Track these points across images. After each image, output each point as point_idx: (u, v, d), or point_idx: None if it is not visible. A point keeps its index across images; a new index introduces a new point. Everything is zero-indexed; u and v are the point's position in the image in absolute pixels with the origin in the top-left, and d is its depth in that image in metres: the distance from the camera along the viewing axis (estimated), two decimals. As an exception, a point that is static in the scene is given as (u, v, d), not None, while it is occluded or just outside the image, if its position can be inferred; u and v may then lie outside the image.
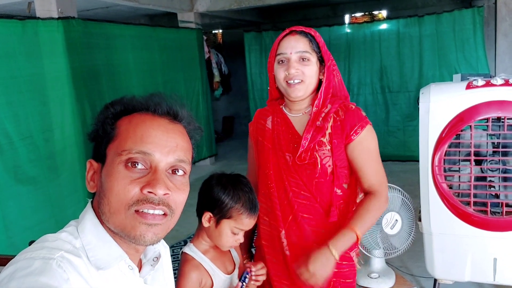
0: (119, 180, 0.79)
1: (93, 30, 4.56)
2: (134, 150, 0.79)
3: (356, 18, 8.88)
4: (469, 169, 2.21)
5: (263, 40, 6.92)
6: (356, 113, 1.50)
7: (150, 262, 0.94)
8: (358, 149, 1.48)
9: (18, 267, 0.73)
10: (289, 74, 1.46)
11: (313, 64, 1.48)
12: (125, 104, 0.86)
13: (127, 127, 0.83)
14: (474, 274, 2.28)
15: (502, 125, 2.16)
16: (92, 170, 0.86)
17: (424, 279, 2.95)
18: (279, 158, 1.54)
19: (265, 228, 1.60)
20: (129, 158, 0.79)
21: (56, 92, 3.98)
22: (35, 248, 0.78)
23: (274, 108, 1.62)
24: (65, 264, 0.75)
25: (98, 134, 0.86)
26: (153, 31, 5.80)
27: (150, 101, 0.85)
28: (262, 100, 6.96)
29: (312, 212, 1.50)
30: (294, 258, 1.51)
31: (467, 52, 5.85)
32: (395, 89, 6.41)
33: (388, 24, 6.45)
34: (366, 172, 1.50)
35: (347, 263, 1.55)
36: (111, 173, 0.80)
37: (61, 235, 0.82)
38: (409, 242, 2.46)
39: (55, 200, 3.95)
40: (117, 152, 0.80)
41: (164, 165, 0.82)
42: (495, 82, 2.15)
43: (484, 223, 2.17)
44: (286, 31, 1.51)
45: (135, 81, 5.30)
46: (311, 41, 1.48)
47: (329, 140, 1.48)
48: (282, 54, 1.48)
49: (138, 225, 0.80)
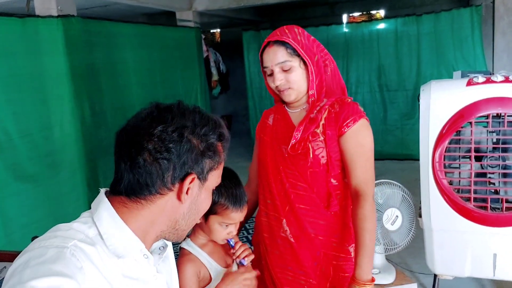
0: (209, 202, 0.97)
1: (93, 28, 4.55)
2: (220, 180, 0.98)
3: (354, 17, 8.90)
4: (470, 165, 2.22)
5: (262, 39, 6.91)
6: (351, 106, 1.51)
7: (157, 252, 0.96)
8: (349, 142, 1.48)
9: (32, 255, 0.74)
10: (276, 86, 1.52)
11: (297, 69, 1.50)
12: (219, 131, 0.93)
13: (224, 160, 0.96)
14: (474, 270, 2.29)
15: (502, 122, 2.18)
16: (191, 183, 0.89)
17: (423, 276, 2.97)
18: (275, 151, 1.58)
19: (266, 220, 1.62)
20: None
21: (55, 90, 3.97)
22: (48, 237, 0.79)
23: (278, 107, 1.69)
24: (78, 253, 0.76)
25: (210, 155, 0.90)
26: (152, 30, 5.80)
27: (229, 138, 0.97)
28: (260, 99, 6.97)
29: (309, 202, 1.52)
30: (300, 245, 1.53)
31: (465, 50, 5.87)
32: (393, 88, 6.44)
33: (386, 23, 6.47)
34: (354, 168, 1.48)
35: (344, 256, 1.56)
36: (209, 196, 0.95)
37: (73, 225, 0.83)
38: (410, 238, 2.47)
39: (54, 198, 3.95)
40: (217, 181, 0.95)
41: None
42: (495, 79, 2.16)
43: (484, 219, 2.18)
44: (264, 43, 1.54)
45: (134, 79, 5.29)
46: (287, 47, 1.49)
47: (322, 131, 1.50)
48: (266, 67, 1.53)
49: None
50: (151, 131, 0.83)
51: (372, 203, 1.47)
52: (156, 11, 7.74)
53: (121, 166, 0.85)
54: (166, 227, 0.90)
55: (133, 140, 0.84)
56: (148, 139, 0.83)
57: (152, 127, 0.83)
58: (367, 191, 1.47)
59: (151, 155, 0.83)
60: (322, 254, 1.54)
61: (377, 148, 6.36)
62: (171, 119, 0.85)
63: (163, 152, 0.83)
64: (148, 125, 0.84)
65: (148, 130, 0.83)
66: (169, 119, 0.85)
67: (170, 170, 0.84)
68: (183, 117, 0.86)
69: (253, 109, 7.06)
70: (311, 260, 1.54)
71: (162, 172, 0.83)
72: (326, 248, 1.54)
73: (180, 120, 0.85)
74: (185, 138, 0.84)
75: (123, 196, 0.86)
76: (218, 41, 10.05)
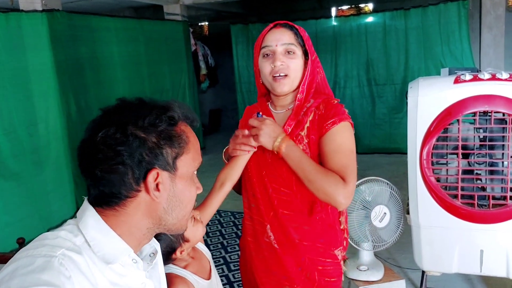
0: (192, 189, 0.91)
1: (78, 23, 4.48)
2: (200, 160, 0.93)
3: (342, 11, 8.88)
4: (457, 162, 2.23)
5: (250, 33, 6.89)
6: (335, 107, 1.46)
7: (147, 259, 0.95)
8: (328, 141, 1.41)
9: (20, 264, 0.73)
10: (274, 67, 1.44)
11: (299, 58, 1.47)
12: (182, 113, 0.90)
13: (192, 140, 0.89)
14: (461, 266, 2.31)
15: (489, 119, 2.19)
16: (157, 179, 0.83)
17: (411, 271, 2.99)
18: (258, 155, 1.51)
19: (250, 224, 1.58)
20: (196, 167, 0.92)
21: (40, 86, 3.91)
22: (35, 246, 0.78)
23: (262, 105, 1.62)
24: (67, 261, 0.75)
25: (169, 143, 0.84)
26: (138, 24, 5.73)
27: (192, 114, 0.93)
28: (249, 93, 6.94)
29: (292, 208, 1.47)
30: (284, 251, 1.49)
31: (452, 45, 5.90)
32: (381, 82, 6.45)
33: (374, 17, 6.47)
34: (328, 162, 1.39)
35: (331, 260, 1.52)
36: (190, 183, 0.90)
37: (61, 233, 0.82)
38: (398, 234, 2.48)
39: (39, 196, 3.91)
40: (193, 164, 0.90)
41: None
42: (482, 76, 2.17)
43: (471, 216, 2.20)
44: (270, 25, 1.50)
45: (120, 74, 5.24)
46: (296, 34, 1.47)
47: (306, 134, 1.45)
48: (268, 46, 1.46)
49: (189, 219, 0.98)
50: (96, 139, 0.80)
51: (347, 190, 1.34)
52: (142, 5, 7.64)
53: (87, 181, 0.85)
54: (151, 225, 0.87)
55: (86, 154, 0.82)
56: (96, 149, 0.80)
57: (96, 135, 0.80)
58: (346, 180, 1.34)
59: (104, 164, 0.80)
60: (307, 260, 1.49)
61: (365, 142, 6.45)
62: (110, 121, 0.81)
63: (114, 158, 0.79)
64: (93, 134, 0.81)
65: (94, 139, 0.80)
66: (109, 121, 0.81)
67: (128, 173, 0.80)
68: (122, 114, 0.82)
69: (241, 103, 7.03)
70: (296, 266, 1.50)
71: (121, 178, 0.80)
72: (311, 253, 1.49)
73: (120, 118, 0.81)
74: (130, 135, 0.80)
75: (98, 207, 0.84)
76: (206, 35, 9.97)
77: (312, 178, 1.36)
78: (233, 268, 3.42)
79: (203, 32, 10.05)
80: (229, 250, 3.76)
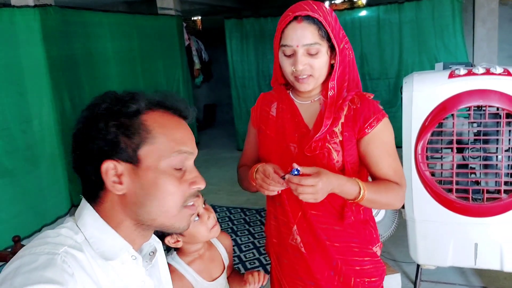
0: (173, 181, 0.84)
1: (71, 18, 4.45)
2: (182, 151, 0.86)
3: (336, 5, 8.86)
4: (451, 156, 2.25)
5: (244, 27, 6.86)
6: (372, 104, 1.35)
7: (146, 257, 0.95)
8: (373, 144, 1.33)
9: (23, 262, 0.73)
10: (296, 70, 1.30)
11: (323, 55, 1.30)
12: (149, 101, 0.87)
13: (163, 129, 0.85)
14: (456, 259, 2.33)
15: (483, 114, 2.20)
16: (114, 171, 0.82)
17: (406, 264, 3.02)
18: (282, 149, 1.39)
19: (275, 224, 1.48)
20: (178, 159, 0.85)
21: (33, 82, 3.89)
22: (38, 244, 0.78)
23: (280, 93, 1.46)
24: (69, 259, 0.76)
25: (125, 133, 0.82)
26: (132, 19, 5.70)
27: (177, 104, 0.90)
28: (244, 88, 6.92)
29: (321, 209, 1.36)
30: (312, 255, 1.39)
31: (446, 38, 5.92)
32: (375, 76, 6.47)
33: (368, 11, 6.46)
34: (381, 167, 1.34)
35: (369, 259, 1.41)
36: (163, 175, 0.84)
37: (62, 231, 0.82)
38: (393, 228, 2.50)
39: (34, 192, 3.89)
40: (163, 155, 0.84)
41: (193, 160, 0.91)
42: (476, 71, 2.18)
43: (466, 210, 2.22)
44: (289, 17, 1.28)
45: (114, 69, 5.21)
46: (320, 28, 1.27)
47: (341, 131, 1.33)
48: (287, 46, 1.29)
49: (187, 218, 0.89)
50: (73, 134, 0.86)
51: (404, 196, 1.35)
52: (136, -1, 7.59)
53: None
54: (133, 221, 0.85)
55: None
56: (72, 144, 0.86)
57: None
58: (401, 186, 1.34)
59: (74, 158, 0.86)
60: (340, 262, 1.38)
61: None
62: (81, 115, 0.85)
63: (76, 150, 0.85)
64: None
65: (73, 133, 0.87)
66: (81, 115, 0.85)
67: (87, 168, 0.83)
68: (91, 107, 0.84)
69: (236, 98, 7.02)
70: (327, 270, 1.39)
71: (86, 171, 0.84)
72: (345, 254, 1.39)
73: (81, 117, 0.85)
74: (91, 128, 0.82)
75: (91, 203, 0.86)
76: (200, 29, 9.92)
77: (379, 202, 1.33)
78: (249, 267, 3.34)
79: (197, 26, 10.00)
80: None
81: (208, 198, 1.49)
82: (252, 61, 6.84)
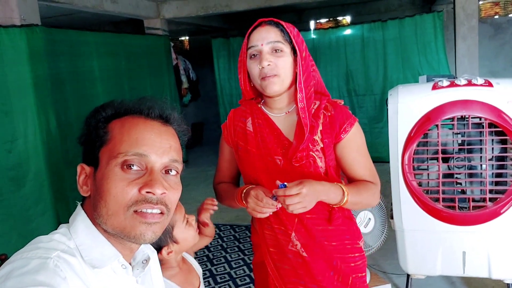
0: (117, 182, 0.81)
1: (57, 37, 4.46)
2: (130, 152, 0.82)
3: (321, 24, 9.02)
4: (437, 166, 2.28)
5: (231, 46, 6.95)
6: (344, 110, 1.46)
7: (139, 265, 0.95)
8: (348, 147, 1.43)
9: (15, 266, 0.73)
10: (262, 68, 1.36)
11: (287, 55, 1.38)
12: (117, 107, 0.89)
13: (120, 130, 0.85)
14: (444, 268, 2.34)
15: (466, 124, 2.24)
16: (84, 174, 0.87)
17: (396, 276, 3.02)
18: (267, 163, 1.42)
19: (271, 234, 1.48)
20: (125, 160, 0.82)
21: (19, 101, 3.85)
22: (30, 249, 0.78)
23: (252, 107, 1.50)
24: (62, 263, 0.75)
25: (90, 138, 0.87)
26: (118, 38, 5.72)
27: (143, 105, 0.89)
28: (231, 105, 6.97)
29: (315, 212, 1.39)
30: (313, 257, 1.43)
31: (428, 55, 6.06)
32: (361, 93, 6.56)
33: (352, 29, 6.59)
34: (357, 169, 1.45)
35: (359, 254, 1.48)
36: (108, 176, 0.82)
37: (55, 236, 0.83)
38: (382, 239, 2.51)
39: (18, 213, 3.82)
40: (112, 155, 0.83)
41: (159, 165, 0.85)
42: (459, 82, 2.23)
43: (453, 218, 2.24)
44: (255, 23, 1.41)
45: (101, 88, 5.21)
46: (283, 31, 1.38)
47: (321, 138, 1.40)
48: (254, 47, 1.38)
49: (138, 225, 0.82)
50: None
51: (379, 193, 1.47)
52: (122, 19, 7.64)
53: None
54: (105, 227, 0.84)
55: None
56: None
57: None
58: (376, 184, 1.46)
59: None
60: (339, 262, 1.44)
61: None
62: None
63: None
64: None
65: None
66: None
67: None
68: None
69: (224, 116, 7.05)
70: (328, 270, 1.43)
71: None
72: (342, 252, 1.45)
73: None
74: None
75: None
76: (187, 49, 10.00)
77: (360, 203, 1.43)
78: (240, 284, 3.30)
79: (184, 46, 10.08)
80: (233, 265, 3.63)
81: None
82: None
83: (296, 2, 6.45)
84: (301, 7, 8.30)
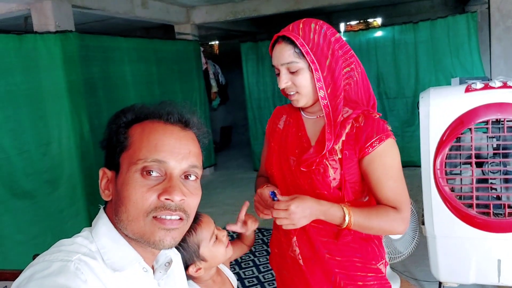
0: (136, 189, 0.82)
1: (90, 43, 4.57)
2: (149, 159, 0.82)
3: (351, 26, 8.93)
4: (471, 171, 2.21)
5: (259, 50, 6.95)
6: (377, 123, 1.31)
7: (162, 268, 0.95)
8: (373, 164, 1.30)
9: (37, 269, 0.74)
10: (281, 88, 1.35)
11: (305, 71, 1.30)
12: (137, 112, 0.89)
13: (140, 136, 0.85)
14: (478, 276, 2.27)
15: (501, 127, 2.17)
16: (105, 178, 0.88)
17: (427, 283, 2.94)
18: (282, 161, 1.40)
19: (276, 234, 1.47)
20: (144, 166, 0.82)
21: (53, 106, 3.98)
22: (52, 252, 0.79)
23: (291, 106, 1.47)
24: (83, 266, 0.76)
25: (111, 143, 0.88)
26: (150, 43, 5.82)
27: (162, 110, 0.89)
28: (259, 109, 6.98)
29: (322, 221, 1.30)
30: (310, 268, 1.37)
31: (462, 57, 5.89)
32: (392, 95, 6.44)
33: (383, 31, 6.49)
34: (380, 191, 1.30)
35: (373, 275, 1.36)
36: (128, 181, 0.83)
37: (77, 239, 0.84)
38: (413, 246, 2.45)
39: (52, 214, 3.93)
40: (132, 161, 0.83)
41: (178, 171, 0.85)
42: (493, 84, 2.16)
43: (487, 225, 2.17)
44: (272, 40, 1.36)
45: (133, 93, 5.30)
46: (295, 47, 1.29)
47: (341, 149, 1.31)
48: (273, 66, 1.36)
49: (157, 231, 0.83)
50: None
51: (403, 220, 1.29)
52: (153, 25, 7.78)
53: None
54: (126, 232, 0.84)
55: None
56: None
57: None
58: (400, 210, 1.29)
59: None
60: (339, 277, 1.34)
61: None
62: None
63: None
64: None
65: None
66: None
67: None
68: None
69: (252, 119, 7.06)
70: (325, 285, 1.36)
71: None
72: (348, 269, 1.35)
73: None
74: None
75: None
76: (217, 53, 10.10)
77: (371, 229, 1.30)
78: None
79: (214, 51, 10.18)
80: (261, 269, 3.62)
81: (225, 219, 1.51)
82: (268, 82, 6.91)
83: (325, 4, 6.41)
84: (330, 9, 8.25)
